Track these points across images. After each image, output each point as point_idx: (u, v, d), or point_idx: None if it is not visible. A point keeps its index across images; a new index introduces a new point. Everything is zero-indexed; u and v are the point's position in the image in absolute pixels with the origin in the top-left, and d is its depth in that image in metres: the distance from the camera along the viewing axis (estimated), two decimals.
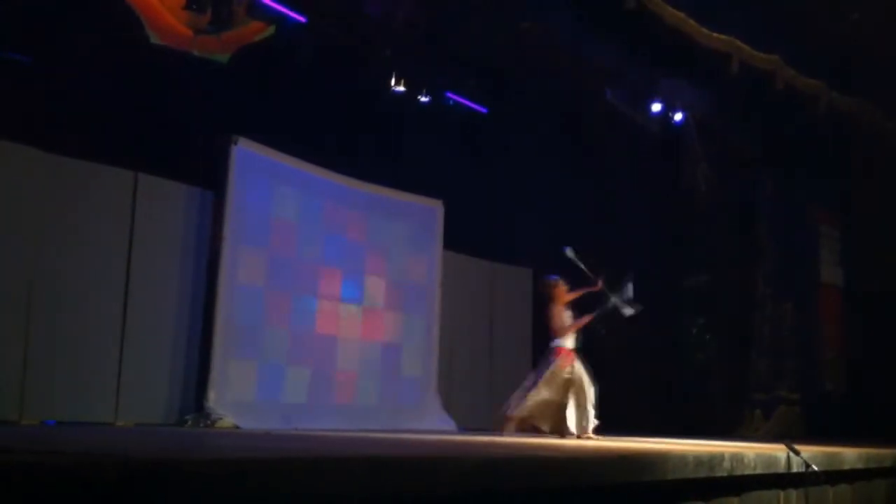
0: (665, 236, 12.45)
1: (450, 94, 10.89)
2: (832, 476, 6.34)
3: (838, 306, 13.54)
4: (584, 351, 8.54)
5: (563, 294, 8.48)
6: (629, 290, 8.42)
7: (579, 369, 8.36)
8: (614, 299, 8.39)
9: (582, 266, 8.37)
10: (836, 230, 13.60)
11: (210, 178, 8.65)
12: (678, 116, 11.34)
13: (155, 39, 8.10)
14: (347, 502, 3.12)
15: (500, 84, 10.88)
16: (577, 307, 8.59)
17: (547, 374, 8.36)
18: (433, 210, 11.01)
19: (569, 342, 8.44)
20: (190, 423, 8.01)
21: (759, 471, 5.49)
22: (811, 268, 13.30)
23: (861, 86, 11.30)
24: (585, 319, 8.48)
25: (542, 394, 8.32)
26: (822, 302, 13.36)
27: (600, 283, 8.40)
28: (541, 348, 12.08)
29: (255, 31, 8.94)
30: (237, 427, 7.97)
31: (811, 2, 10.15)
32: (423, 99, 10.48)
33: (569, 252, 8.38)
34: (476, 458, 3.96)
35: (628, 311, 8.43)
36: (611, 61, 10.32)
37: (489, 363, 11.62)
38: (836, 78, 11.03)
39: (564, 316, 8.47)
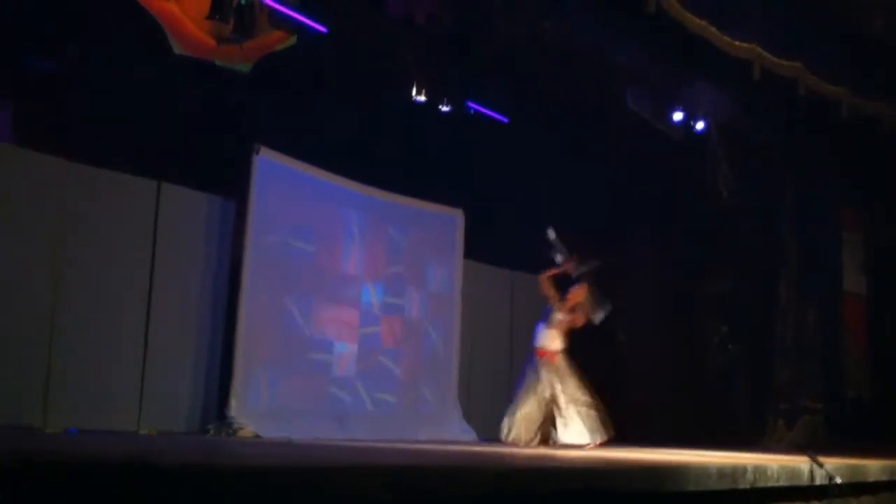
0: (687, 242, 12.38)
1: (471, 104, 10.89)
2: (856, 488, 6.28)
3: (862, 314, 13.41)
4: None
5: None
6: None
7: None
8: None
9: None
10: (860, 236, 13.48)
11: (232, 187, 8.69)
12: (700, 124, 11.27)
13: (178, 49, 8.14)
14: None
15: (521, 92, 10.86)
16: None
17: None
18: (453, 219, 11.01)
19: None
20: (212, 431, 8.03)
21: (781, 483, 5.45)
22: (835, 275, 13.18)
23: (885, 89, 11.18)
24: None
25: None
26: (845, 310, 13.23)
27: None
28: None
29: (277, 41, 8.97)
30: (259, 436, 8.00)
31: (834, 4, 10.06)
32: (445, 108, 10.49)
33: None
34: (496, 469, 3.96)
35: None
36: (632, 66, 10.27)
37: (509, 372, 11.57)
38: (859, 81, 10.92)
39: None
